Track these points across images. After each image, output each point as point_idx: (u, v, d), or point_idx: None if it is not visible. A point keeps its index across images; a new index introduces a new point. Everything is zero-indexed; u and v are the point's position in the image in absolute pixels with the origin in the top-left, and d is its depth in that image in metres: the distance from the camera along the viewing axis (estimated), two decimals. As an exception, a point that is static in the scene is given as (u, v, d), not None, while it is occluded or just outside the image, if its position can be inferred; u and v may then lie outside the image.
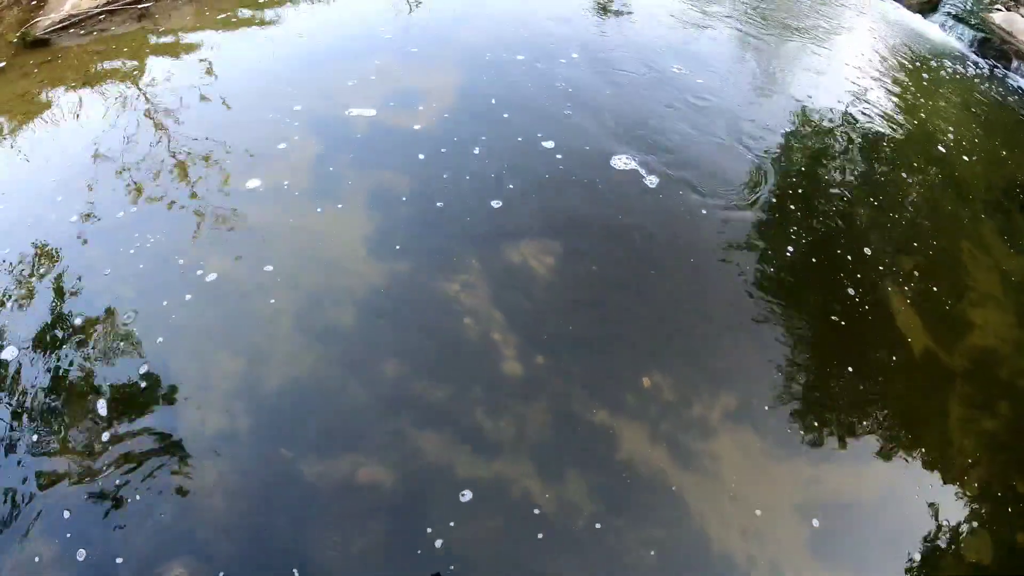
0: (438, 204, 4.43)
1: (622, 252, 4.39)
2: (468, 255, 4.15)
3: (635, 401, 3.64)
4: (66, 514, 3.12)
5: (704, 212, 4.75)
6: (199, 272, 3.93)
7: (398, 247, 4.13)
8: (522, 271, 4.12)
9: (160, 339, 3.65)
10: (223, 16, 6.06)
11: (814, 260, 4.70)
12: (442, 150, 4.81)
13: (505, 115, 5.23)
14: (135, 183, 4.45)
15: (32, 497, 3.17)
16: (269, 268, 3.96)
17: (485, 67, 5.75)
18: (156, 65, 5.47)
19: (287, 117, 4.96)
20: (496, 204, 4.47)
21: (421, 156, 4.72)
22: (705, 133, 5.53)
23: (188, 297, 3.82)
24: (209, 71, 5.38)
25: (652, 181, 4.84)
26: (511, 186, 4.61)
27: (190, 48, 5.63)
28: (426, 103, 5.18)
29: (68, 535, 3.07)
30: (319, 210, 4.31)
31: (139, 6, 5.80)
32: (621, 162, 4.92)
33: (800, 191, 5.23)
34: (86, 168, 4.58)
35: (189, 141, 4.76)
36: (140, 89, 5.18)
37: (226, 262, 3.99)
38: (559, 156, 4.91)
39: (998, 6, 12.37)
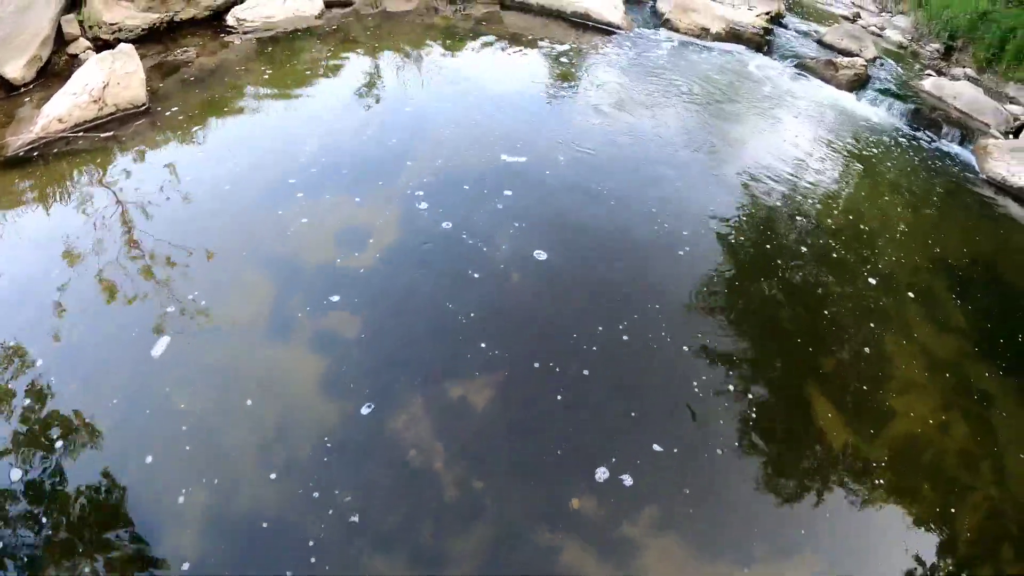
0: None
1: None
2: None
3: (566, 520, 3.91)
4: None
5: (627, 325, 5.13)
6: (170, 405, 4.18)
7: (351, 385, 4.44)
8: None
9: (134, 467, 3.88)
10: (182, 136, 6.38)
11: (734, 365, 5.01)
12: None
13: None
14: (104, 311, 4.68)
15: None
16: (235, 402, 4.23)
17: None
18: (122, 183, 5.75)
19: (244, 252, 5.27)
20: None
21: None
22: (631, 230, 5.99)
23: (160, 428, 4.06)
24: (167, 194, 5.64)
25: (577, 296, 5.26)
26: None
27: (152, 169, 5.90)
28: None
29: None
30: (278, 347, 4.60)
31: (102, 134, 6.13)
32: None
33: (721, 295, 5.63)
34: (57, 290, 4.82)
35: (149, 264, 5.00)
36: (104, 211, 5.44)
37: (197, 400, 4.24)
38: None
39: (928, 71, 13.02)
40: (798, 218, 6.84)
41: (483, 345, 4.73)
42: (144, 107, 6.64)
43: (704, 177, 7.22)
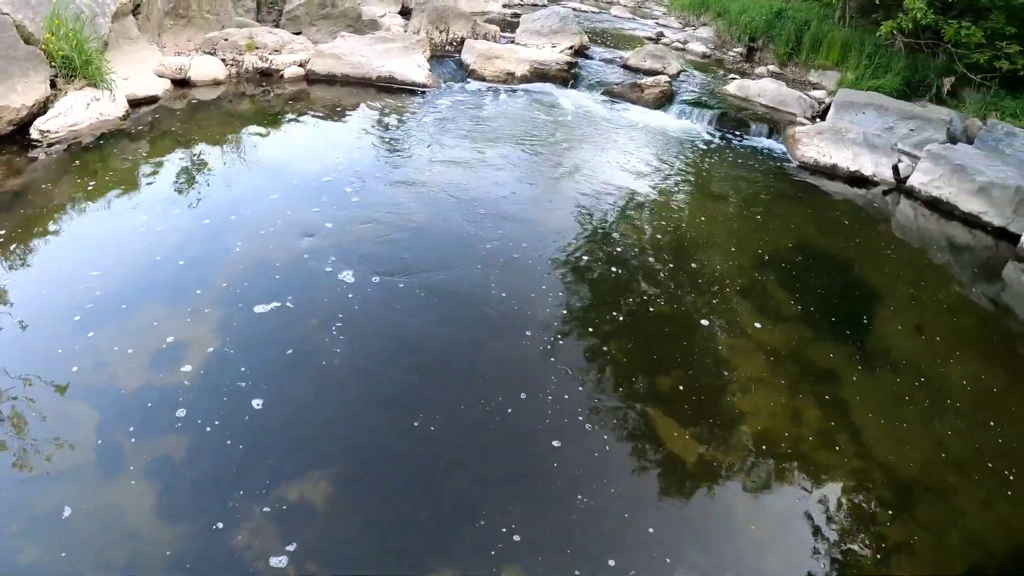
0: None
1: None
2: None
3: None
4: None
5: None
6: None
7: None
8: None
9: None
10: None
11: (575, 412, 4.74)
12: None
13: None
14: None
15: None
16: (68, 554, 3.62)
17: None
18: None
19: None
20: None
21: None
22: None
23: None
24: None
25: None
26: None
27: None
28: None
29: None
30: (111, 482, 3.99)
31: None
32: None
33: (551, 338, 5.43)
34: None
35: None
36: None
37: (36, 553, 3.61)
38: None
39: (732, 76, 13.71)
40: (616, 268, 6.65)
41: None
42: (-56, 241, 6.01)
43: (526, 206, 7.11)
